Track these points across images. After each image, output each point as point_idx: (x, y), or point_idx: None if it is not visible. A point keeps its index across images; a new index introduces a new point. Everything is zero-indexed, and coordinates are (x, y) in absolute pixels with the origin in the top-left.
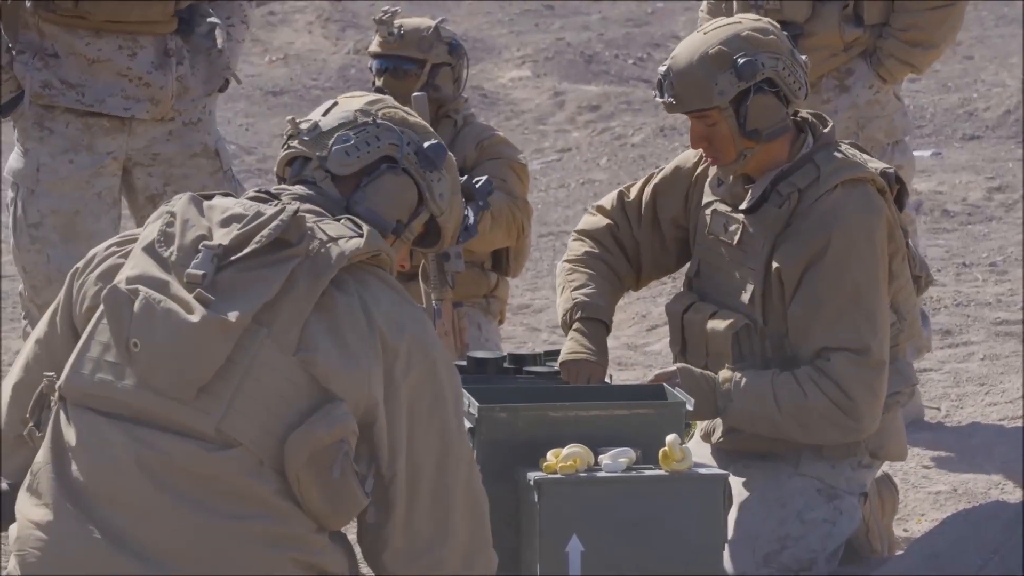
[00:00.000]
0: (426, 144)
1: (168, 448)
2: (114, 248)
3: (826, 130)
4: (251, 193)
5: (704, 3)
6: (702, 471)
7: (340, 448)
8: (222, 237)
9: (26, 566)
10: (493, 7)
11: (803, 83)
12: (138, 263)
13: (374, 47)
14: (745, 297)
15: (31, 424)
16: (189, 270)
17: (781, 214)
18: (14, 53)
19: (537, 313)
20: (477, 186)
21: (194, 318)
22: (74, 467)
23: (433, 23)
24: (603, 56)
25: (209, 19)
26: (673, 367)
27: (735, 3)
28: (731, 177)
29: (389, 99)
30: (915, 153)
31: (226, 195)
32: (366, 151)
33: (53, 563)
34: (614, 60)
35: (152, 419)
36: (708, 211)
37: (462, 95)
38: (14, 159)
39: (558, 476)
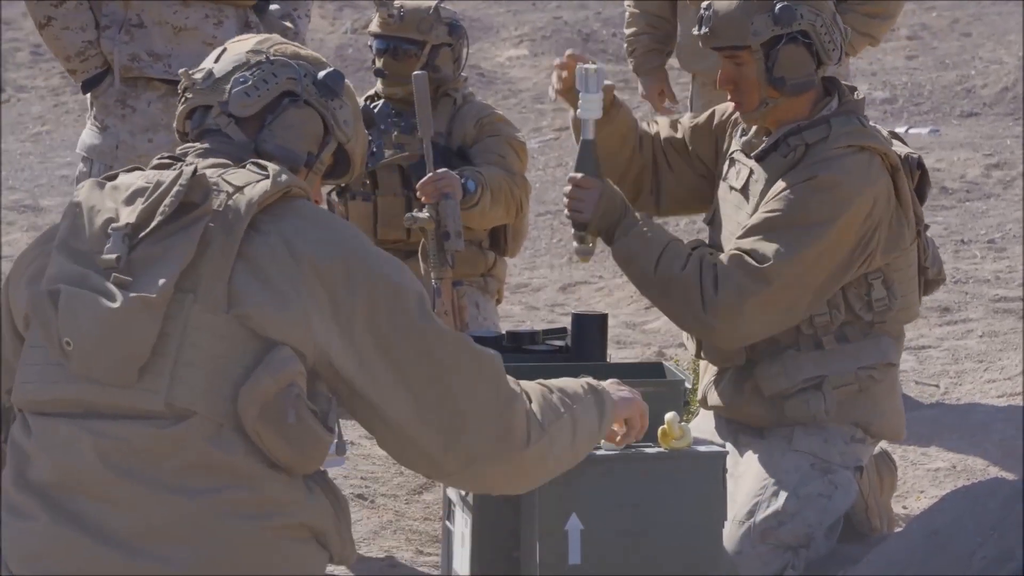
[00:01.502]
0: (322, 74)
1: (124, 434)
2: (37, 250)
3: (855, 98)
4: (155, 162)
5: None
6: (701, 449)
7: (291, 392)
8: (128, 215)
9: (12, 566)
10: None
11: (838, 46)
12: (55, 261)
13: (374, 27)
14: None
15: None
16: (103, 256)
17: (785, 163)
18: (99, 28)
19: (535, 292)
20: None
21: (115, 304)
22: (36, 470)
23: (433, 3)
24: (600, 34)
25: (277, 3)
26: (604, 182)
27: None
28: (753, 128)
29: (276, 37)
30: (913, 131)
31: (131, 170)
32: (265, 89)
33: (37, 564)
34: (612, 39)
35: (103, 410)
36: (728, 161)
37: (461, 74)
38: (88, 136)
39: None
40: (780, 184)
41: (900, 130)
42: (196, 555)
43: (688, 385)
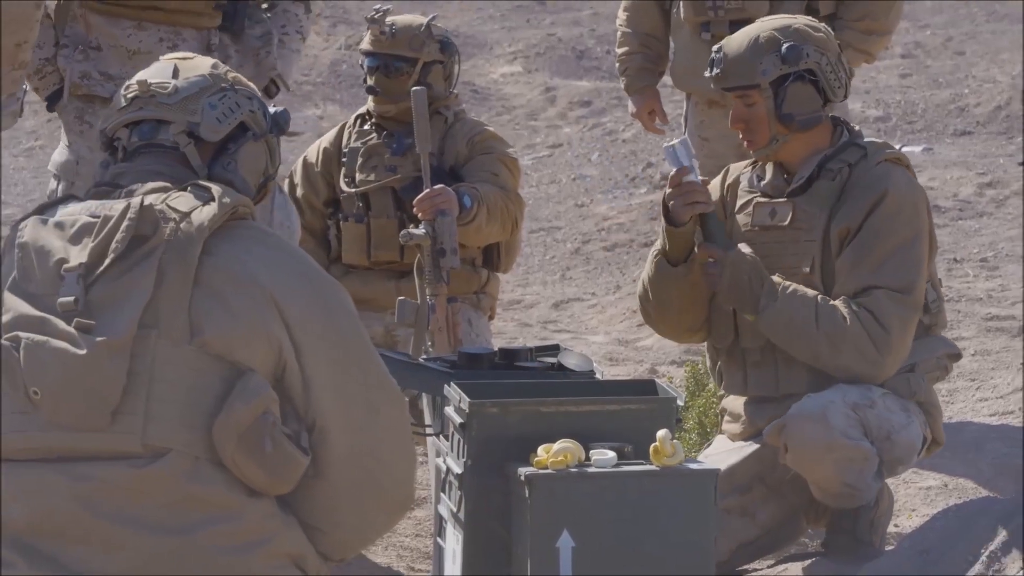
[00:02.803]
0: (275, 111)
1: (101, 475)
2: None
3: (857, 128)
4: (92, 190)
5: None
6: (692, 466)
7: (266, 420)
8: (79, 255)
9: None
10: (484, 3)
11: (843, 84)
12: (9, 306)
13: (365, 45)
14: (805, 267)
15: None
16: (60, 299)
17: (835, 186)
18: (58, 47)
19: (528, 309)
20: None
21: (81, 351)
22: (7, 517)
23: (425, 20)
24: (594, 52)
25: (259, 24)
26: (731, 250)
27: (683, 4)
28: (769, 168)
29: (221, 64)
30: (906, 149)
31: (66, 199)
32: (233, 118)
33: None
34: (605, 56)
35: (78, 454)
36: (748, 209)
37: (453, 91)
38: (58, 152)
39: (549, 471)
40: (853, 212)
41: None
42: None
43: (680, 403)
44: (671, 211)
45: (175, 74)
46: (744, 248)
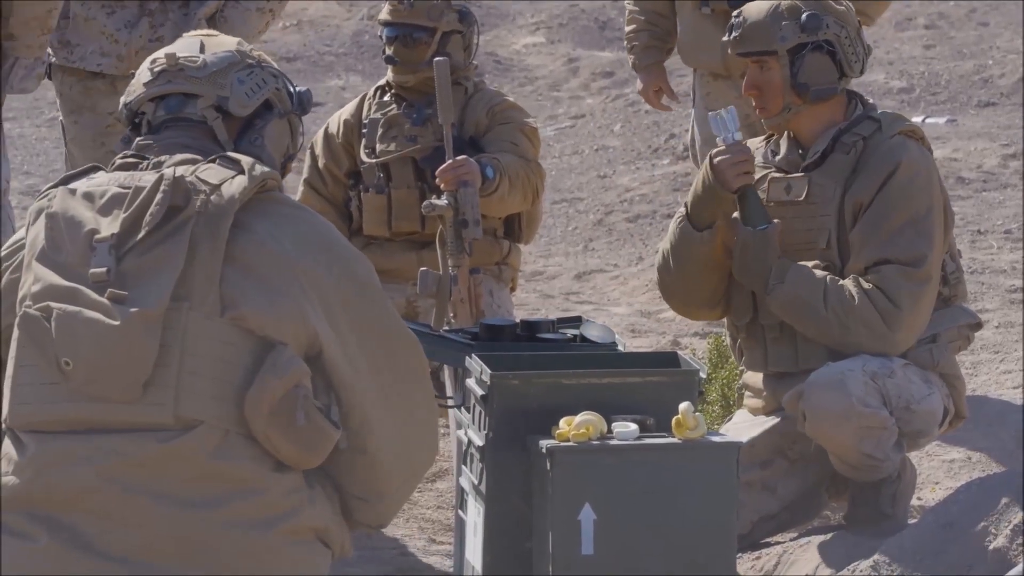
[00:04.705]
0: (299, 90)
1: (127, 448)
2: (4, 262)
3: (871, 101)
4: (119, 161)
5: None
6: (715, 439)
7: (298, 393)
8: (110, 226)
9: None
10: None
11: (861, 59)
12: (38, 276)
13: (384, 15)
14: (822, 243)
15: None
16: (92, 269)
17: (849, 159)
18: None
19: (550, 280)
20: None
21: (115, 321)
22: (33, 489)
23: None
24: (617, 22)
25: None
26: (746, 229)
27: None
28: (784, 143)
29: (243, 41)
30: (930, 120)
31: (91, 170)
32: (260, 94)
33: None
34: None
35: (107, 426)
36: (763, 184)
37: (472, 62)
38: None
39: (571, 444)
40: (867, 185)
41: (917, 119)
42: (203, 569)
43: (703, 375)
44: (722, 174)
45: (202, 49)
46: (775, 227)
